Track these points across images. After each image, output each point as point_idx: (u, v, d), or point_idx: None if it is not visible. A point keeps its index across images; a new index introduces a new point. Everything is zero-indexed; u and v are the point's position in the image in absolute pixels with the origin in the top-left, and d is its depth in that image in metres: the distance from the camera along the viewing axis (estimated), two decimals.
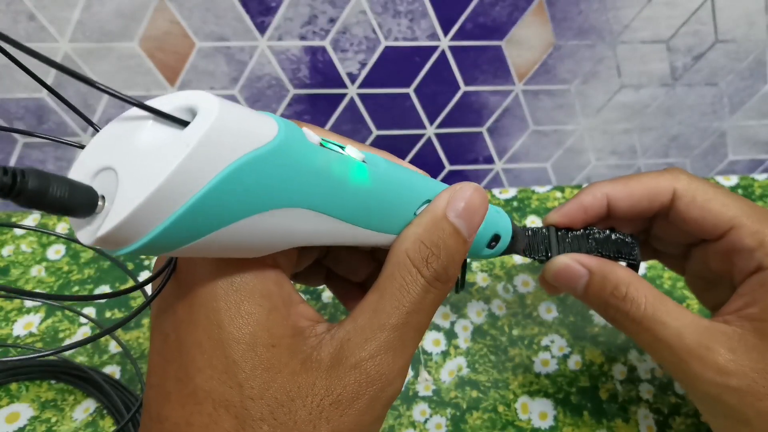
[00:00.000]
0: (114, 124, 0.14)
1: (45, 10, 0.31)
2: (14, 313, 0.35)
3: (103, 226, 0.12)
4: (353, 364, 0.17)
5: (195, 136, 0.13)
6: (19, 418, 0.31)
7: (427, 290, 0.18)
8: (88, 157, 0.14)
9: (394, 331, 0.17)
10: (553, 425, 0.32)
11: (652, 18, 0.36)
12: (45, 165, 0.39)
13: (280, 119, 0.15)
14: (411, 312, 0.18)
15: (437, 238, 0.19)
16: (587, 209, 0.26)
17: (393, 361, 0.17)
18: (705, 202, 0.24)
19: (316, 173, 0.16)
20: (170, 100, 0.14)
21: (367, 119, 0.39)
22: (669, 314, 0.23)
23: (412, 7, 0.34)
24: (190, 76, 0.35)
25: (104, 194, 0.13)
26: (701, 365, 0.22)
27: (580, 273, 0.25)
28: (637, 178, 0.26)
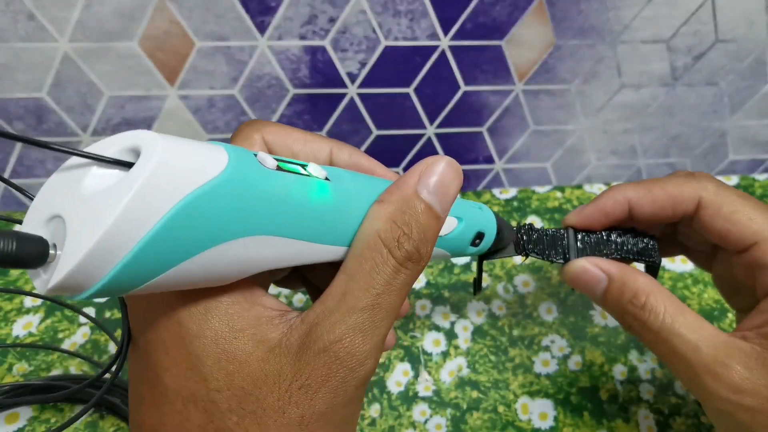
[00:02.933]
0: (61, 172, 0.14)
1: (44, 10, 0.31)
2: (14, 313, 0.35)
3: (55, 275, 0.12)
4: (322, 347, 0.16)
5: (139, 178, 0.12)
6: (18, 418, 0.31)
7: (399, 270, 0.17)
8: (39, 206, 0.14)
9: (363, 313, 0.17)
10: (553, 425, 0.32)
11: (652, 18, 0.36)
12: (45, 164, 0.39)
13: (231, 148, 0.15)
14: (381, 293, 0.17)
15: (409, 216, 0.18)
16: (608, 213, 0.26)
17: (363, 342, 0.17)
18: (730, 214, 0.23)
19: (273, 199, 0.15)
20: (114, 142, 0.14)
21: (367, 119, 0.39)
22: (687, 327, 0.22)
23: (412, 7, 0.34)
24: (190, 75, 0.35)
25: (56, 242, 0.13)
26: (716, 382, 0.21)
27: (599, 278, 0.24)
28: (661, 184, 0.25)
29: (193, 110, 0.37)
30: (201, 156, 0.14)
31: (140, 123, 0.37)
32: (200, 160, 0.14)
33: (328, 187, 0.17)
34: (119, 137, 0.14)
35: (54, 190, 0.14)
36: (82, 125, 0.37)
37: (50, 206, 0.14)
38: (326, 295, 0.17)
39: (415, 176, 0.18)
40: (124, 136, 0.14)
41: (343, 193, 0.17)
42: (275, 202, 0.15)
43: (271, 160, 0.16)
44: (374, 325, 0.17)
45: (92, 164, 0.14)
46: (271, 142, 0.21)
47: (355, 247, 0.18)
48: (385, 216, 0.18)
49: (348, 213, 0.18)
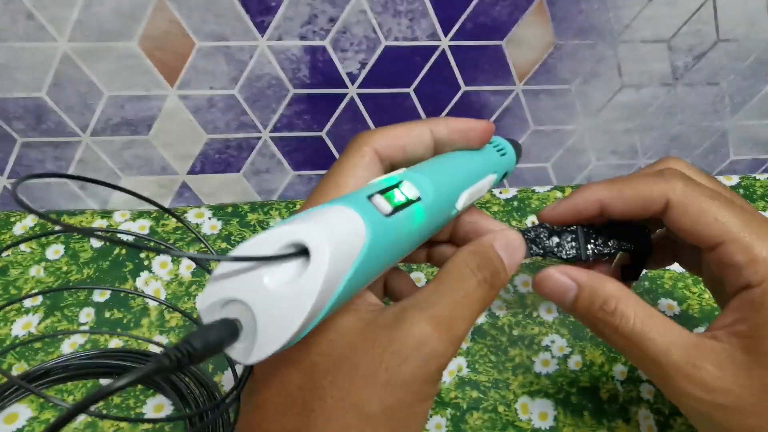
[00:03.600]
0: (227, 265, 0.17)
1: (44, 10, 0.31)
2: (13, 313, 0.35)
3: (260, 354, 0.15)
4: (413, 322, 0.19)
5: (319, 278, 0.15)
6: (17, 419, 0.31)
7: (478, 285, 0.21)
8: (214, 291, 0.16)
9: (446, 310, 0.20)
10: (553, 425, 0.32)
11: (653, 17, 0.36)
12: (44, 165, 0.38)
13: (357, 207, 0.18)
14: (462, 298, 0.20)
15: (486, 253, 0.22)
16: (580, 212, 0.26)
17: (447, 331, 0.19)
18: (697, 215, 0.24)
19: (396, 242, 0.19)
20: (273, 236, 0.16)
21: (367, 119, 0.39)
22: (657, 330, 0.22)
23: (412, 7, 0.34)
24: (190, 75, 0.35)
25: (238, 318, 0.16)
26: (688, 382, 0.22)
27: (568, 286, 0.25)
28: (631, 184, 0.25)
29: (192, 110, 0.37)
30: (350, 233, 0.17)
31: (140, 123, 0.37)
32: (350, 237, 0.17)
33: (423, 210, 0.20)
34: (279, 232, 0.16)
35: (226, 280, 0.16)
36: (81, 125, 0.37)
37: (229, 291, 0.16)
38: (417, 293, 0.20)
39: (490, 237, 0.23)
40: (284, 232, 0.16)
41: (431, 205, 0.21)
42: (397, 243, 0.19)
43: (385, 204, 0.19)
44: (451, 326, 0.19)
45: None
46: (380, 149, 0.23)
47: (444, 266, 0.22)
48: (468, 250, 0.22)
49: (436, 220, 0.22)
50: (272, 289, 0.16)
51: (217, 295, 0.16)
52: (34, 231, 0.40)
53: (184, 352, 0.14)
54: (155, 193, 0.41)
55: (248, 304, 0.16)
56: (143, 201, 0.20)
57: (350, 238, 0.17)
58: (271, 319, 0.15)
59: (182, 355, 0.14)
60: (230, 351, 0.16)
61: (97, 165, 0.39)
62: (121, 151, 0.39)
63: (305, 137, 0.40)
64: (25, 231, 0.40)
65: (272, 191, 0.43)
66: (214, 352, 0.15)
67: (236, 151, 0.40)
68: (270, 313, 0.15)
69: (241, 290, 0.16)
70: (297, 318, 0.15)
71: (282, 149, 0.40)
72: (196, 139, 0.39)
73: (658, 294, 0.38)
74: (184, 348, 0.14)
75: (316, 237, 0.16)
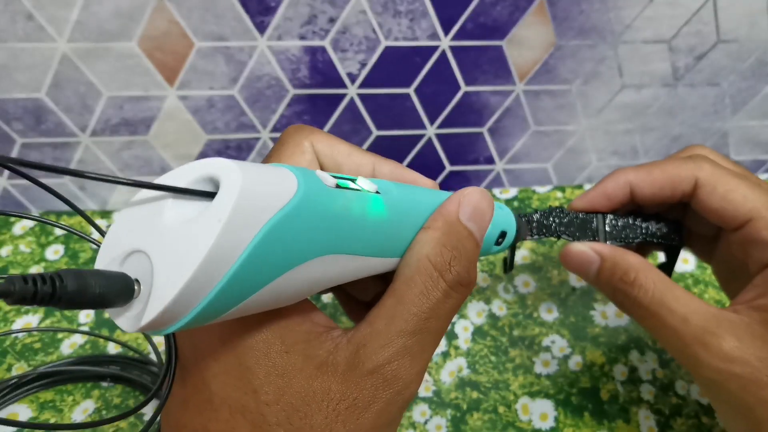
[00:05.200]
0: (134, 206, 0.14)
1: (43, 10, 0.31)
2: (12, 313, 0.35)
3: (147, 313, 0.12)
4: (370, 369, 0.17)
5: (225, 210, 0.12)
6: (17, 419, 0.31)
7: (448, 295, 0.18)
8: (113, 242, 0.14)
9: (412, 336, 0.17)
10: (553, 426, 0.32)
11: (653, 18, 0.36)
12: None
13: (295, 170, 0.15)
14: (430, 318, 0.18)
15: (456, 240, 0.19)
16: (610, 196, 0.27)
17: (411, 366, 0.17)
18: (726, 192, 0.24)
19: (339, 217, 0.16)
20: (186, 172, 0.14)
21: (367, 119, 0.39)
22: (676, 300, 0.23)
23: (412, 7, 0.34)
24: (189, 76, 0.35)
25: (138, 278, 0.13)
26: (706, 351, 0.22)
27: (592, 258, 0.26)
28: (661, 166, 0.26)
29: (192, 110, 0.37)
30: (274, 181, 0.14)
31: (139, 123, 0.37)
32: (274, 185, 0.14)
33: (382, 200, 0.17)
34: (190, 167, 0.14)
35: (129, 225, 0.14)
36: (80, 125, 0.37)
37: (127, 241, 0.13)
38: (374, 316, 0.18)
39: (454, 204, 0.20)
40: (195, 165, 0.14)
41: (394, 205, 0.18)
42: (340, 221, 0.16)
43: (330, 178, 0.16)
44: (422, 350, 0.17)
45: (168, 196, 0.13)
46: (319, 151, 0.21)
47: (403, 272, 0.18)
48: (433, 241, 0.18)
49: (400, 224, 0.18)
50: (171, 229, 0.13)
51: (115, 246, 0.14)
52: (33, 231, 0.40)
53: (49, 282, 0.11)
54: None
55: (145, 252, 0.13)
56: None
57: (274, 185, 0.14)
58: (165, 266, 0.12)
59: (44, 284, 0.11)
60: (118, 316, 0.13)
61: (96, 165, 0.39)
62: (120, 152, 0.39)
63: None
64: (24, 231, 0.40)
65: None
66: (92, 302, 0.12)
67: (236, 152, 0.40)
68: (165, 259, 0.13)
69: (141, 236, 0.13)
70: (191, 262, 0.12)
71: None
72: (196, 140, 0.39)
73: None
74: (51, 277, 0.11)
75: (231, 170, 0.13)
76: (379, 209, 0.17)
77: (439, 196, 0.21)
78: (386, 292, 0.18)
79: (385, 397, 0.17)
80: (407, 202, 0.19)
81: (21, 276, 0.11)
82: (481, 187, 0.21)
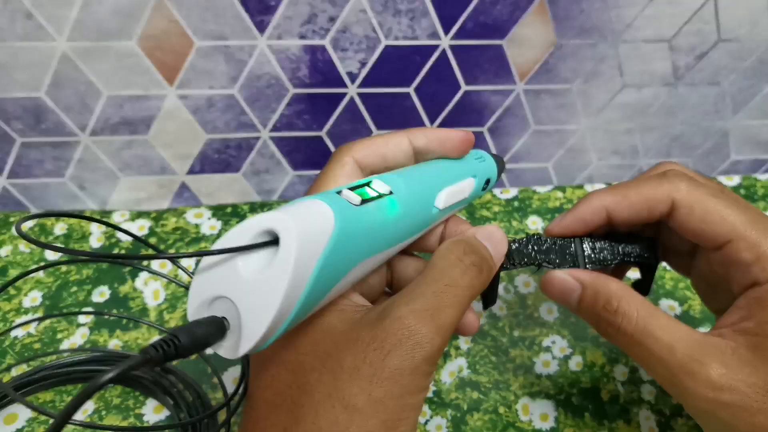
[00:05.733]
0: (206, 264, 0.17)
1: (42, 9, 0.31)
2: (12, 313, 0.35)
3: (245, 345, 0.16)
4: (394, 318, 0.19)
5: (290, 257, 0.16)
6: (17, 419, 0.31)
7: (465, 272, 0.21)
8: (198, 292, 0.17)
9: (433, 297, 0.20)
10: (554, 426, 0.32)
11: (654, 17, 0.36)
12: (43, 165, 0.38)
13: (328, 200, 0.18)
14: (447, 286, 0.20)
15: (470, 241, 0.23)
16: (587, 221, 0.26)
17: (431, 320, 0.19)
18: (704, 214, 0.24)
19: (368, 230, 0.19)
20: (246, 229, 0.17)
21: (367, 119, 0.39)
22: (661, 328, 0.22)
23: (412, 6, 0.33)
24: (189, 75, 0.35)
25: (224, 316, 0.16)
26: (693, 381, 0.21)
27: (573, 286, 0.25)
28: (636, 187, 0.26)
29: (192, 110, 0.37)
30: (318, 220, 0.17)
31: (139, 123, 0.37)
32: (318, 224, 0.17)
33: (396, 201, 0.21)
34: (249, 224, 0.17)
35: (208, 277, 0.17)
36: (80, 125, 0.37)
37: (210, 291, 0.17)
38: (406, 286, 0.21)
39: (474, 229, 0.24)
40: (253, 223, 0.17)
41: (405, 199, 0.21)
42: (369, 232, 0.19)
43: (354, 196, 0.19)
44: (440, 309, 0.20)
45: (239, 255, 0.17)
46: (360, 159, 0.24)
47: (429, 261, 0.22)
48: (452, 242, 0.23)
49: (413, 215, 0.22)
50: (248, 279, 0.16)
51: (201, 295, 0.17)
52: (33, 231, 0.40)
53: (171, 344, 0.14)
54: (155, 194, 0.41)
55: (230, 298, 0.16)
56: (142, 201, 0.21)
57: (318, 222, 0.17)
58: (250, 309, 0.16)
59: (168, 347, 0.14)
60: (218, 348, 0.16)
61: (96, 165, 0.39)
62: (120, 151, 0.38)
63: (305, 137, 0.40)
64: (24, 231, 0.39)
65: (272, 191, 0.43)
66: (200, 347, 0.15)
67: (236, 151, 0.40)
68: (249, 303, 0.16)
69: (222, 285, 0.16)
70: (272, 303, 0.15)
71: (281, 149, 0.40)
72: (196, 139, 0.39)
73: (659, 294, 0.38)
74: (170, 340, 0.14)
75: (284, 222, 0.16)
76: (394, 209, 0.20)
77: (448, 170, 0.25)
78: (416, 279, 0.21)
79: (407, 345, 0.19)
80: (416, 191, 0.22)
81: (152, 346, 0.14)
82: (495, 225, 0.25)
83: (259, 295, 0.16)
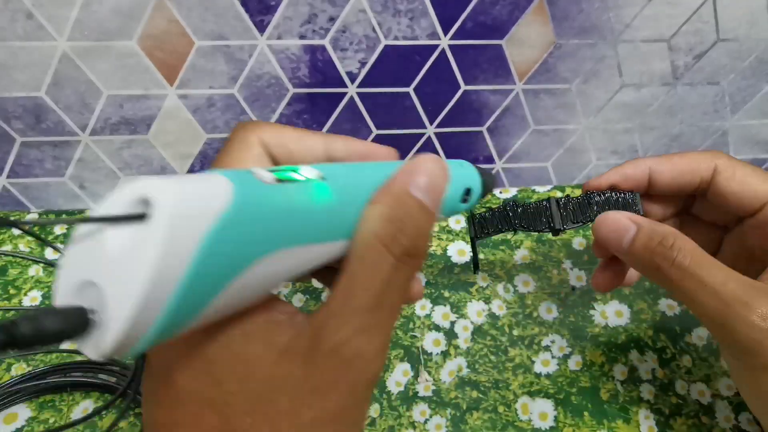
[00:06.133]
0: (79, 237, 0.14)
1: (43, 9, 0.31)
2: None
3: (106, 342, 0.13)
4: (330, 349, 0.17)
5: (159, 230, 0.12)
6: (17, 419, 0.31)
7: (398, 268, 0.18)
8: (66, 275, 0.14)
9: (368, 313, 0.17)
10: (553, 426, 0.32)
11: (653, 17, 0.36)
12: (43, 164, 0.38)
13: (229, 174, 0.15)
14: (383, 292, 0.17)
15: (403, 213, 0.18)
16: (628, 177, 0.28)
17: (369, 342, 0.17)
18: (744, 176, 0.26)
19: (282, 213, 0.16)
20: (120, 196, 0.14)
21: (366, 119, 0.39)
22: (714, 266, 0.24)
23: (412, 6, 0.34)
24: (189, 75, 0.35)
25: (93, 307, 0.13)
26: (746, 309, 0.22)
27: (627, 226, 0.26)
28: (679, 154, 0.28)
29: (192, 110, 0.37)
30: (207, 191, 0.14)
31: (139, 122, 0.37)
32: (208, 195, 0.14)
33: (327, 186, 0.17)
34: (123, 191, 0.14)
35: (78, 257, 0.14)
36: (80, 124, 0.37)
37: (79, 273, 0.14)
38: (331, 297, 0.18)
39: (405, 176, 0.19)
40: (125, 190, 0.14)
41: (341, 188, 0.18)
42: (284, 214, 0.16)
43: (267, 174, 0.16)
44: (378, 324, 0.17)
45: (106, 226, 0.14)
46: (268, 143, 0.21)
47: (353, 249, 0.18)
48: (379, 216, 0.18)
49: (351, 205, 0.18)
50: (113, 257, 0.13)
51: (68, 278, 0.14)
52: (32, 230, 0.40)
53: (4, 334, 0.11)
54: None
55: (94, 281, 0.13)
56: None
57: (208, 194, 0.14)
58: (114, 294, 0.13)
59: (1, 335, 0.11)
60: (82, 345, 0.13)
61: (96, 164, 0.39)
62: (120, 151, 0.39)
63: None
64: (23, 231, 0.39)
65: None
66: (50, 340, 0.12)
67: None
68: (113, 286, 0.13)
69: (89, 266, 0.14)
70: (136, 285, 0.12)
71: None
72: (196, 139, 0.39)
73: (658, 294, 0.38)
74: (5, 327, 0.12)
75: (160, 188, 0.13)
76: (324, 195, 0.17)
77: (391, 167, 0.20)
78: (339, 272, 0.18)
79: (348, 378, 0.17)
80: (356, 181, 0.19)
81: None
82: (433, 154, 0.20)
83: (123, 276, 0.13)
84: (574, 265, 0.39)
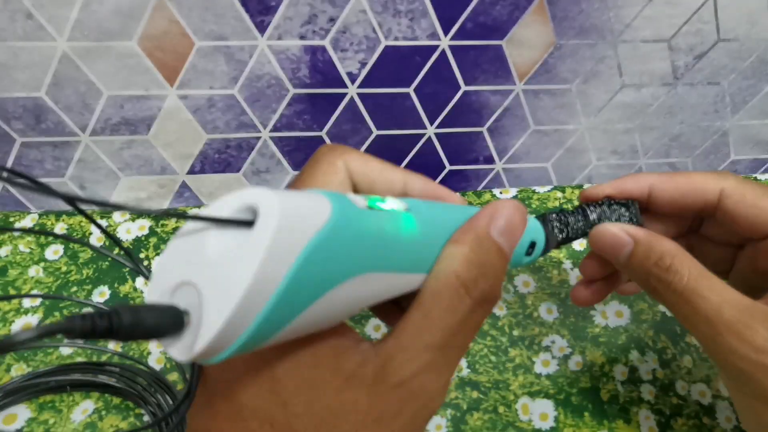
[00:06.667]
0: (179, 237, 0.15)
1: (43, 9, 0.31)
2: (12, 313, 0.35)
3: (199, 343, 0.13)
4: (397, 382, 0.17)
5: (265, 238, 0.13)
6: (16, 419, 0.31)
7: (474, 311, 0.18)
8: (162, 275, 0.14)
9: (438, 351, 0.17)
10: (553, 426, 0.32)
11: (653, 17, 0.36)
12: (43, 164, 0.38)
13: (328, 194, 0.16)
14: (456, 333, 0.18)
15: (484, 257, 0.19)
16: (625, 192, 0.27)
17: (436, 380, 0.17)
18: (755, 199, 0.25)
19: (373, 237, 0.16)
20: (226, 202, 0.14)
21: (367, 119, 0.39)
22: (711, 289, 0.23)
23: (412, 7, 0.34)
24: (190, 75, 0.35)
25: (187, 309, 0.13)
26: (738, 341, 0.22)
27: (625, 241, 0.25)
28: (683, 174, 0.26)
29: (192, 110, 0.37)
30: (310, 206, 0.14)
31: (139, 123, 0.37)
32: (310, 210, 0.14)
33: (413, 218, 0.18)
34: (231, 197, 0.14)
35: (176, 257, 0.14)
36: (80, 125, 0.37)
37: (176, 273, 0.14)
38: (400, 330, 0.18)
39: (486, 218, 0.20)
40: (235, 196, 0.14)
41: (425, 222, 0.18)
42: (375, 240, 0.16)
43: (361, 200, 0.17)
44: (447, 363, 0.18)
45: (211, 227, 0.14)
46: (353, 170, 0.21)
47: (430, 285, 0.18)
48: (461, 256, 0.18)
49: (432, 240, 0.19)
50: (215, 261, 0.13)
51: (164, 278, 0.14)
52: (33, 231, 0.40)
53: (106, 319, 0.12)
54: (155, 193, 0.41)
55: (193, 282, 0.13)
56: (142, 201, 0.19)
57: (311, 210, 0.14)
58: (212, 297, 0.13)
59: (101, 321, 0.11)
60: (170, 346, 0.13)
61: (96, 165, 0.39)
62: (120, 151, 0.39)
63: (305, 137, 0.40)
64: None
65: None
66: (146, 335, 0.12)
67: (236, 151, 0.40)
68: (213, 289, 0.13)
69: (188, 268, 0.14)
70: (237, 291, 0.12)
71: (282, 149, 0.40)
72: (196, 139, 0.39)
73: (657, 303, 0.38)
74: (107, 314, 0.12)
75: (268, 198, 0.13)
76: (410, 226, 0.18)
77: (468, 210, 0.21)
78: (412, 304, 0.18)
79: (411, 410, 0.17)
80: (438, 218, 0.19)
81: (81, 315, 0.11)
82: (515, 200, 0.21)
83: (223, 280, 0.13)
84: (575, 265, 0.39)
